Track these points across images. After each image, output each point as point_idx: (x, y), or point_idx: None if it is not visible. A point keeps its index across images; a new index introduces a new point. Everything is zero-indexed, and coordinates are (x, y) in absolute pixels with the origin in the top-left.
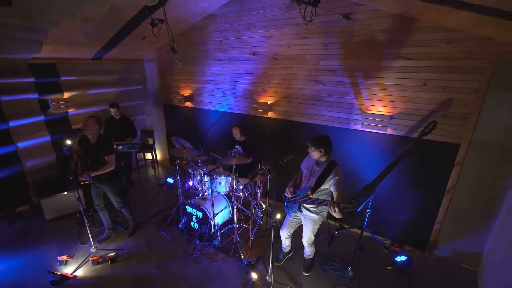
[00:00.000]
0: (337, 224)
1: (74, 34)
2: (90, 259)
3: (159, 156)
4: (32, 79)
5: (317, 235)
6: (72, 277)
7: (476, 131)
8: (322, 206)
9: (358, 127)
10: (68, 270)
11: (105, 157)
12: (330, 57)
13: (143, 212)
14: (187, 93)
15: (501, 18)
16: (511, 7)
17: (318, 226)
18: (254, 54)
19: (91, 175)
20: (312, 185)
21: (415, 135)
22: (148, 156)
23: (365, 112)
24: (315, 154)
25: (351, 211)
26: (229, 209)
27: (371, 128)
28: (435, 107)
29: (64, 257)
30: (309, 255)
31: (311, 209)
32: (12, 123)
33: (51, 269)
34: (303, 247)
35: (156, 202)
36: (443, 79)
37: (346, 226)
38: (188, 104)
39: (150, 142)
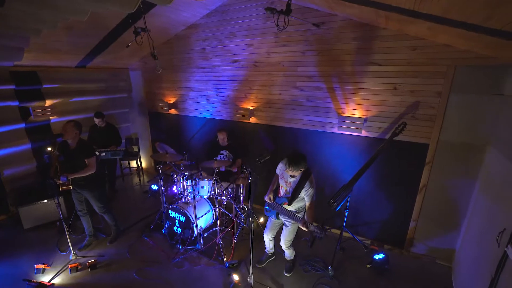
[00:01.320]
0: (320, 226)
1: (57, 42)
2: (69, 266)
3: (144, 164)
4: (13, 87)
5: (299, 237)
6: (49, 285)
7: (442, 131)
8: (299, 207)
9: (335, 130)
10: (45, 278)
11: (85, 160)
12: (307, 63)
13: (126, 220)
14: (171, 100)
15: (448, 25)
16: (454, 16)
17: (297, 228)
18: (236, 61)
19: (69, 177)
20: (289, 196)
21: (387, 136)
22: (133, 164)
23: (341, 115)
24: (295, 173)
25: (319, 232)
26: (212, 213)
27: (347, 131)
28: (405, 110)
29: (42, 266)
30: (290, 257)
31: (288, 219)
32: None
33: (27, 278)
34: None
35: (140, 209)
36: (410, 83)
37: (327, 228)
38: (172, 111)
39: (135, 150)
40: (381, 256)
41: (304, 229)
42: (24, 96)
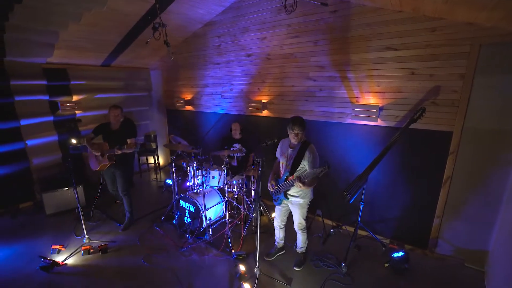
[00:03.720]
0: (334, 224)
1: (83, 39)
2: (82, 248)
3: (161, 161)
4: (45, 82)
5: (312, 233)
6: (62, 265)
7: (467, 117)
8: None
9: (350, 120)
10: (59, 258)
11: (128, 140)
12: (320, 53)
13: (140, 211)
14: (188, 97)
15: None
16: None
17: (306, 210)
18: (249, 55)
19: (123, 148)
20: (290, 169)
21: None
22: (151, 160)
23: (355, 104)
24: (300, 136)
25: (325, 172)
26: (222, 205)
27: (362, 120)
28: (424, 96)
29: (57, 246)
30: (302, 247)
31: (296, 194)
32: (23, 122)
33: (43, 255)
34: (295, 239)
35: (154, 202)
36: (429, 67)
37: (340, 224)
38: (189, 107)
39: (153, 147)
40: (400, 254)
41: (300, 187)
42: (54, 91)
